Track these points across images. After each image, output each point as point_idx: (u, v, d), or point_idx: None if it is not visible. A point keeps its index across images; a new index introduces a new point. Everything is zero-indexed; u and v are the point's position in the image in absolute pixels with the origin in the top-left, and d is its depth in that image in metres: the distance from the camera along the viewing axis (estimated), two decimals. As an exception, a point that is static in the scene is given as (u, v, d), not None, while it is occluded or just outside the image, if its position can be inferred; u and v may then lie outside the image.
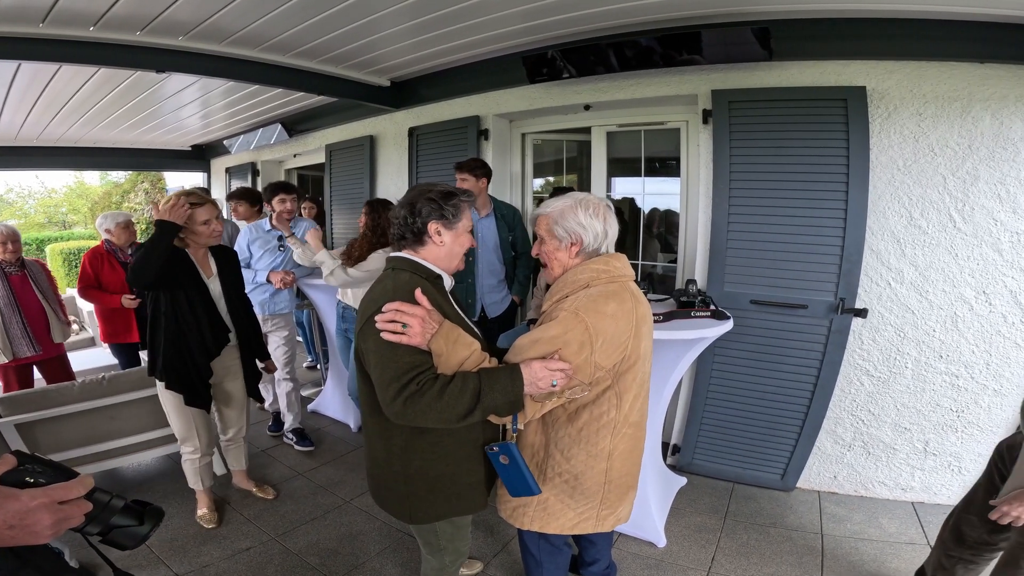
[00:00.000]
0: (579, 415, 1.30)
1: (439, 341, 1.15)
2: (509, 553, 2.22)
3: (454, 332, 1.19)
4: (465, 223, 1.34)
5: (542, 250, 1.41)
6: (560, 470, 1.33)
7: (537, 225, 1.42)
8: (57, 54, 2.47)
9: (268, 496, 2.60)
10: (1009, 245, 2.20)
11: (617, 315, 1.24)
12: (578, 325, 1.20)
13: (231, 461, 2.61)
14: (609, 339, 1.22)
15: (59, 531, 0.65)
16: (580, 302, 1.24)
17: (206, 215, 2.11)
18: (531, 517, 1.38)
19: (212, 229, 2.14)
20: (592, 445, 1.31)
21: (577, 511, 1.36)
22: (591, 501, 1.36)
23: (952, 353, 2.34)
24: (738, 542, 2.29)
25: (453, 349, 1.16)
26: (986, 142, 2.17)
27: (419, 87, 3.58)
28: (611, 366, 1.26)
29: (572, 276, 1.33)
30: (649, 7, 2.33)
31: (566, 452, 1.32)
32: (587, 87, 2.96)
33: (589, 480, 1.33)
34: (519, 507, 1.39)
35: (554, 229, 1.36)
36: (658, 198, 3.35)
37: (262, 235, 3.03)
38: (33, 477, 0.65)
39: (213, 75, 2.91)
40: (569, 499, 1.35)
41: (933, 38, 2.14)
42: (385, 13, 2.43)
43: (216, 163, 6.44)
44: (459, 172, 2.85)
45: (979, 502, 1.56)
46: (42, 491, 0.63)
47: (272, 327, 3.11)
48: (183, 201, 2.02)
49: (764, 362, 2.59)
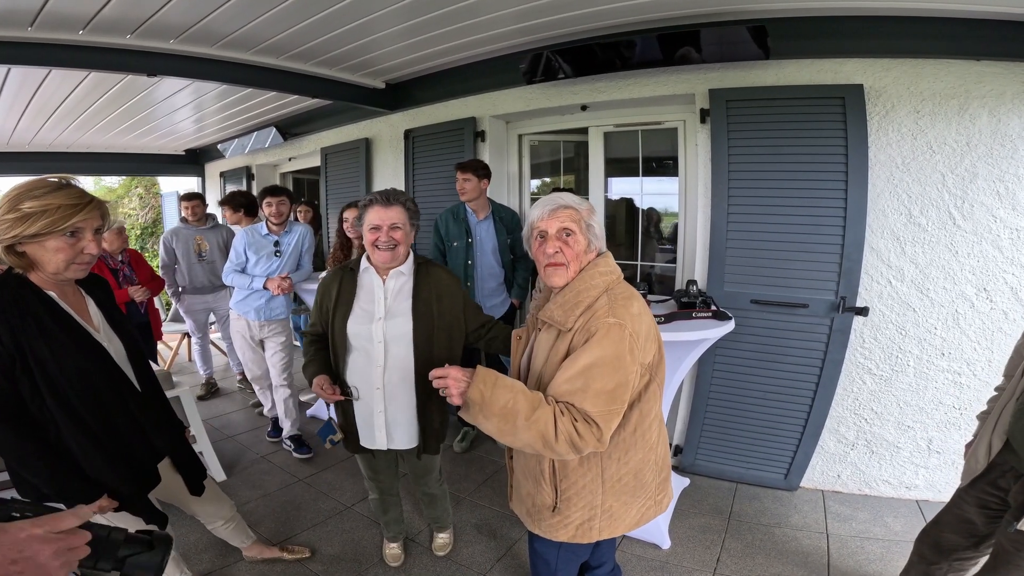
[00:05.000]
0: (629, 417, 1.25)
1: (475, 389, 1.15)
2: (514, 556, 2.20)
3: (490, 377, 1.17)
4: (365, 223, 1.69)
5: (570, 249, 1.25)
6: (620, 475, 1.29)
7: (564, 217, 1.26)
8: (46, 58, 2.43)
9: (304, 555, 2.17)
10: (1009, 241, 2.20)
11: (642, 312, 1.23)
12: (622, 335, 1.16)
13: (233, 542, 2.02)
14: (644, 336, 1.21)
15: (69, 563, 0.63)
16: (614, 310, 1.18)
17: (51, 221, 1.14)
18: (599, 529, 1.33)
19: (79, 249, 1.20)
20: (645, 442, 1.30)
21: (638, 506, 1.34)
22: (649, 491, 1.35)
23: (954, 351, 2.34)
24: (743, 543, 2.27)
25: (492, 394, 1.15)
26: (984, 139, 2.17)
27: (414, 89, 3.55)
28: (650, 361, 1.24)
29: (583, 283, 1.24)
30: (644, 6, 2.32)
31: (623, 457, 1.28)
32: (583, 87, 2.94)
33: (647, 473, 1.32)
34: (583, 524, 1.32)
35: (591, 226, 1.27)
36: (656, 198, 3.33)
37: (258, 239, 2.99)
38: (19, 512, 0.63)
39: (205, 78, 2.88)
40: (632, 498, 1.32)
41: (929, 35, 2.14)
42: (379, 15, 2.41)
43: (211, 167, 6.39)
44: (462, 172, 2.83)
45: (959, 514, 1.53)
46: (30, 522, 0.61)
47: (269, 333, 3.08)
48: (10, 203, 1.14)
49: (766, 362, 2.58)
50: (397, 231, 1.67)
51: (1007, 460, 1.37)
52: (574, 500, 1.30)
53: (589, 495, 1.29)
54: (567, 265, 1.26)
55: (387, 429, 1.77)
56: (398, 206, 1.68)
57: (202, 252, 3.81)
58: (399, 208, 1.68)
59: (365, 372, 1.73)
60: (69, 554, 0.63)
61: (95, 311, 1.34)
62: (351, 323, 1.72)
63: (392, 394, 1.74)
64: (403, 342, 1.70)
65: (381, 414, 1.75)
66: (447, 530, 2.26)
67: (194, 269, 3.80)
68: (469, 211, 2.95)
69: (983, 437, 1.43)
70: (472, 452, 3.16)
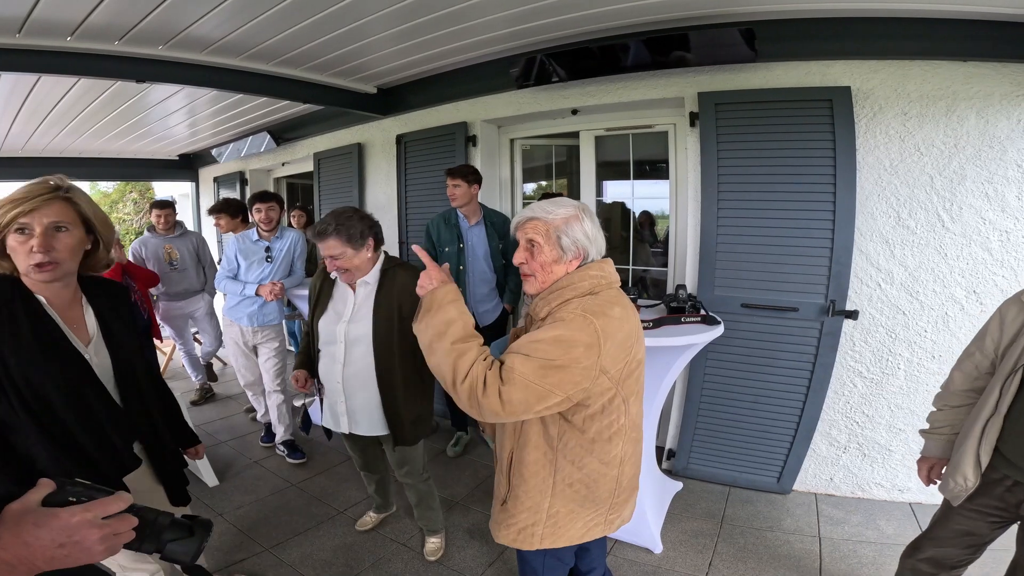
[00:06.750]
0: (589, 425, 1.24)
1: (434, 294, 1.24)
2: (505, 562, 2.19)
3: (452, 294, 1.25)
4: None
5: (534, 260, 1.25)
6: (571, 480, 1.28)
7: (529, 229, 1.26)
8: (35, 64, 2.42)
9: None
10: (998, 244, 2.20)
11: (623, 319, 1.20)
12: (587, 326, 1.14)
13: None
14: (618, 343, 1.18)
15: (114, 547, 0.65)
16: (588, 305, 1.17)
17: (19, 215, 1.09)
18: (541, 536, 1.31)
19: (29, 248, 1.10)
20: (605, 453, 1.27)
21: (586, 519, 1.32)
22: (601, 507, 1.32)
23: (944, 353, 2.34)
24: (735, 546, 2.27)
25: (443, 306, 1.21)
26: (972, 141, 2.17)
27: (406, 94, 3.55)
28: (616, 372, 1.21)
29: (570, 281, 1.24)
30: (632, 10, 2.33)
31: (578, 462, 1.27)
32: (574, 91, 2.95)
33: (602, 487, 1.30)
34: (526, 528, 1.31)
35: (559, 238, 1.24)
36: (648, 201, 3.34)
37: (249, 245, 2.99)
38: (75, 497, 0.66)
39: (195, 84, 2.88)
40: (579, 508, 1.30)
41: (915, 37, 2.14)
42: (371, 19, 2.40)
43: (204, 172, 6.38)
44: (451, 178, 2.83)
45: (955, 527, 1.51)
46: (81, 507, 0.64)
47: (262, 339, 3.08)
48: None
49: (757, 365, 2.58)
50: (337, 260, 1.79)
51: (1007, 475, 1.34)
52: (522, 499, 1.30)
53: (537, 495, 1.29)
54: (533, 276, 1.27)
55: (348, 417, 1.96)
56: (330, 238, 1.76)
57: (172, 261, 3.78)
58: (331, 239, 1.76)
59: (329, 368, 1.93)
60: (115, 539, 0.66)
61: (92, 321, 1.26)
62: (322, 322, 1.93)
63: (351, 389, 1.91)
64: (363, 343, 1.85)
65: (342, 404, 1.95)
66: (438, 534, 2.26)
67: (166, 278, 3.76)
68: (461, 216, 2.95)
69: (966, 455, 1.36)
70: (465, 457, 3.15)
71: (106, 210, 12.10)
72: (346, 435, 2.07)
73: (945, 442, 1.56)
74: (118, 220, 11.46)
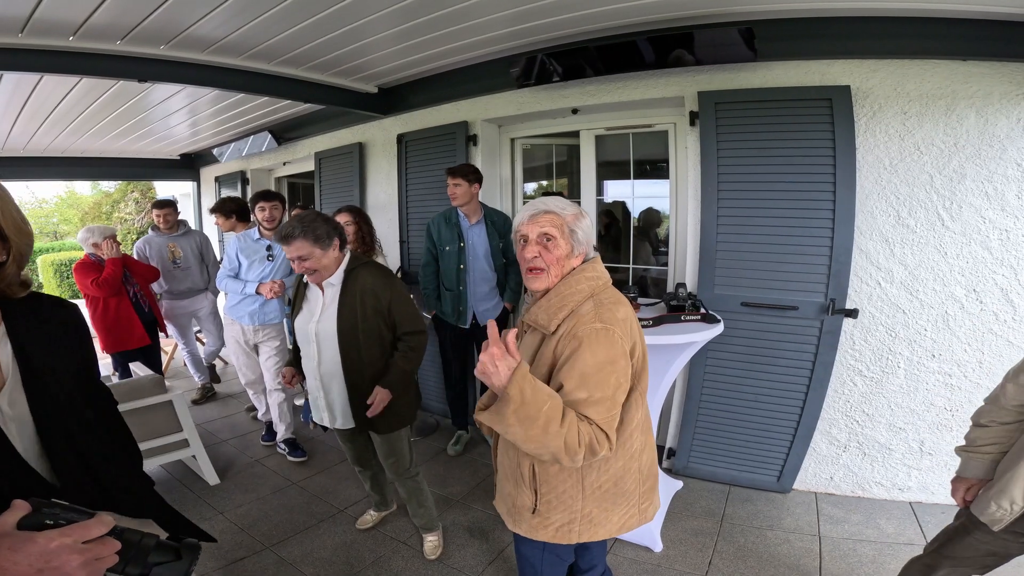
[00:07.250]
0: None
1: (515, 386, 1.05)
2: (505, 560, 2.20)
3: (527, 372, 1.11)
4: None
5: (550, 253, 1.24)
6: (600, 482, 1.29)
7: (545, 222, 1.24)
8: (37, 64, 2.43)
9: None
10: (998, 242, 2.20)
11: (627, 318, 1.23)
12: (610, 336, 1.14)
13: None
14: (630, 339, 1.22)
15: (96, 573, 0.62)
16: (600, 314, 1.17)
17: None
18: (579, 532, 1.31)
19: None
20: (627, 449, 1.29)
21: (620, 512, 1.33)
22: (632, 498, 1.34)
23: (944, 352, 2.34)
24: (735, 545, 2.27)
25: (534, 395, 1.07)
26: (971, 140, 2.17)
27: (407, 93, 3.56)
28: (634, 370, 1.24)
29: (568, 287, 1.23)
30: (633, 9, 2.33)
31: (603, 466, 1.27)
32: (574, 91, 2.95)
33: (628, 481, 1.32)
34: (563, 527, 1.31)
35: (574, 231, 1.25)
36: (648, 201, 3.34)
37: (250, 244, 3.00)
38: (53, 520, 0.63)
39: (196, 84, 2.88)
40: (612, 505, 1.32)
41: (914, 36, 2.15)
42: (371, 19, 2.41)
43: (205, 172, 6.39)
44: (452, 177, 2.84)
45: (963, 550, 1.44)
46: (59, 532, 0.61)
47: (264, 337, 3.09)
48: None
49: (757, 364, 2.58)
50: (304, 261, 1.85)
51: None
52: (554, 504, 1.30)
53: (569, 500, 1.29)
54: (547, 270, 1.26)
55: (329, 411, 2.07)
56: (297, 240, 1.81)
57: (176, 259, 3.82)
58: (299, 240, 1.82)
59: (308, 364, 2.05)
60: (97, 564, 0.62)
61: (7, 357, 0.81)
62: (298, 321, 2.03)
63: (328, 384, 2.02)
64: (331, 341, 1.95)
65: (322, 398, 2.06)
66: (434, 532, 2.27)
67: (170, 276, 3.80)
68: (461, 215, 2.96)
69: (1018, 477, 1.25)
70: (465, 455, 3.16)
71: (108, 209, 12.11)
72: (336, 429, 2.14)
73: (991, 462, 1.39)
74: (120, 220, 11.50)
